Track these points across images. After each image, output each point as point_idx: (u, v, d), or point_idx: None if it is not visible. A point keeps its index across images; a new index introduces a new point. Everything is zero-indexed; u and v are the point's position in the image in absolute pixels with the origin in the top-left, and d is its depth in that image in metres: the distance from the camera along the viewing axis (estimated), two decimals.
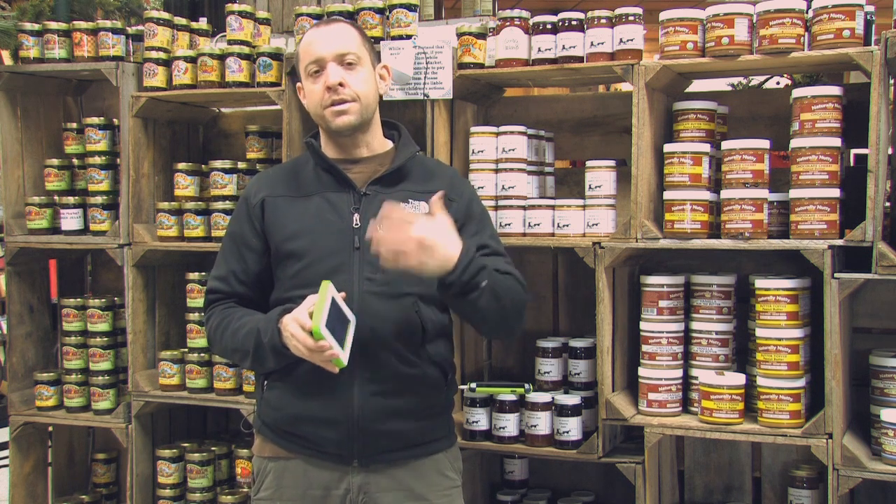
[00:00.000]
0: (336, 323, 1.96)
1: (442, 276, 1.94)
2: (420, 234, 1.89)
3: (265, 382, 2.20)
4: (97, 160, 3.40)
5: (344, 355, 1.96)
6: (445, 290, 1.98)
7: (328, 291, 1.96)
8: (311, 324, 1.92)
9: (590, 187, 2.84)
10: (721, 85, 4.60)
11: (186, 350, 3.33)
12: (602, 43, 2.77)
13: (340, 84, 2.11)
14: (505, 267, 2.14)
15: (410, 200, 2.16)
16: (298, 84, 2.25)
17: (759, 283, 2.63)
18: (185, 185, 3.30)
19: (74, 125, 3.53)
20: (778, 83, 4.86)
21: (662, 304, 2.76)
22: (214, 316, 2.21)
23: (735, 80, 4.83)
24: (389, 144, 2.27)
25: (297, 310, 1.98)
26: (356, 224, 2.13)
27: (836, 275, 2.47)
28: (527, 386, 2.85)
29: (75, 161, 3.53)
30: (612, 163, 2.86)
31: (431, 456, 2.20)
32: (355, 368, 2.06)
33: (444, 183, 2.21)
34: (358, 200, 2.15)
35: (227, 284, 2.22)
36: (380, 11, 3.01)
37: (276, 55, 3.13)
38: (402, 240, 1.88)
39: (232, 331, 2.14)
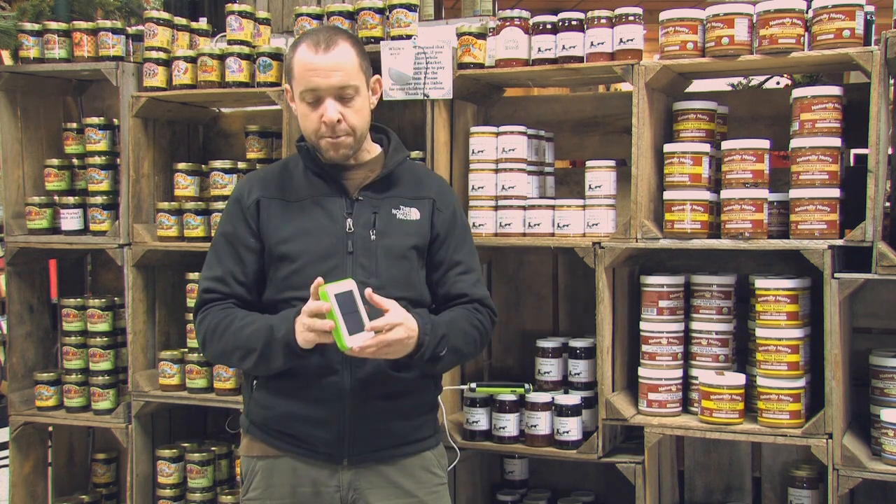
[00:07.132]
0: (349, 311, 1.96)
1: (407, 355, 2.04)
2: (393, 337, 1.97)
3: (254, 382, 2.19)
4: (97, 160, 3.39)
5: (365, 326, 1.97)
6: (410, 361, 2.07)
7: (330, 296, 1.95)
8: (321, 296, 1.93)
9: (590, 187, 2.84)
10: (721, 85, 4.60)
11: (186, 350, 3.32)
12: (602, 43, 2.77)
13: (338, 121, 2.11)
14: (475, 292, 2.23)
15: (401, 206, 2.18)
16: (286, 87, 2.22)
17: (759, 283, 2.63)
18: (185, 185, 3.30)
19: (74, 125, 3.53)
20: (778, 83, 4.85)
21: (662, 304, 2.76)
22: (211, 315, 2.15)
23: (735, 80, 4.83)
24: (378, 149, 2.26)
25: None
26: (349, 229, 2.14)
27: (836, 275, 2.47)
28: (527, 386, 2.85)
29: (75, 161, 3.53)
30: (612, 163, 2.86)
31: (420, 454, 2.22)
32: (345, 369, 2.09)
33: (433, 191, 2.25)
34: (351, 206, 2.16)
35: (226, 285, 2.18)
36: (380, 11, 3.01)
37: (276, 55, 3.13)
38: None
39: (235, 329, 2.10)
